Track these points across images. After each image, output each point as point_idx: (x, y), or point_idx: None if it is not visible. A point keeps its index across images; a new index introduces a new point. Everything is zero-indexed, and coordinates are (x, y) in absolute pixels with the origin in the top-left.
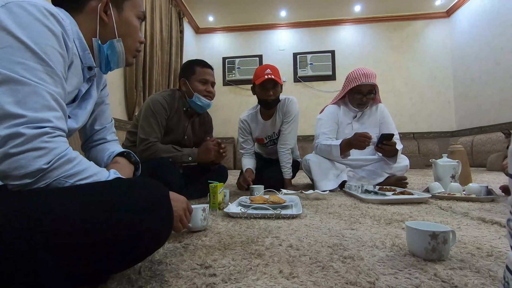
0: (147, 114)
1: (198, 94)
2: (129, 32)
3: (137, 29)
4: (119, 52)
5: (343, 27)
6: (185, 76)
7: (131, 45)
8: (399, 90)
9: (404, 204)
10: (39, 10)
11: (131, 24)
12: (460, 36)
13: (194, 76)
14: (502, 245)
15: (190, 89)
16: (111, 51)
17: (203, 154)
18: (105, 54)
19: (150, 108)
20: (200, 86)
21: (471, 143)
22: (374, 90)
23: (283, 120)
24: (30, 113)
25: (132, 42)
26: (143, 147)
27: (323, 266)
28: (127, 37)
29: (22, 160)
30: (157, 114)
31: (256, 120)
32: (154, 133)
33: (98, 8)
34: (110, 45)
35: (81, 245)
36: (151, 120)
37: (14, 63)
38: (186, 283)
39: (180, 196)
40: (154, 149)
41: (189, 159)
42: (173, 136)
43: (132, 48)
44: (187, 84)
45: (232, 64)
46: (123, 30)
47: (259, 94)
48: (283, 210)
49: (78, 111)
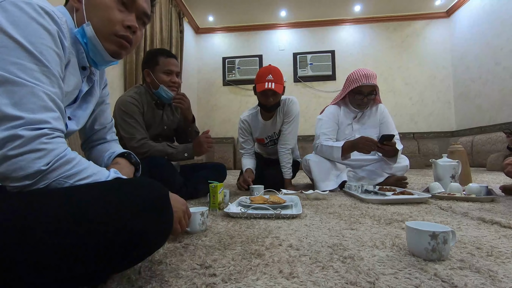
0: (122, 117)
1: (163, 85)
2: (96, 12)
3: (108, 8)
4: (90, 38)
5: (343, 27)
6: (148, 67)
7: (103, 28)
8: (399, 90)
9: (404, 204)
10: (34, 9)
11: (100, 2)
12: (460, 36)
13: (158, 67)
14: (502, 245)
15: (155, 80)
16: (86, 40)
17: (196, 149)
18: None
19: (122, 111)
20: (165, 77)
21: (471, 143)
22: (375, 90)
23: (283, 120)
24: (28, 115)
25: (103, 23)
26: (135, 145)
27: (323, 266)
28: (95, 19)
29: (21, 162)
30: (132, 114)
31: (257, 120)
32: (138, 132)
33: None
34: (81, 31)
35: (80, 245)
36: (129, 121)
37: (10, 64)
38: (186, 283)
39: (180, 198)
40: (148, 147)
41: (185, 155)
42: (154, 130)
43: (105, 31)
44: (151, 75)
45: (232, 64)
46: (91, 12)
47: (259, 98)
48: (283, 210)
49: (79, 112)
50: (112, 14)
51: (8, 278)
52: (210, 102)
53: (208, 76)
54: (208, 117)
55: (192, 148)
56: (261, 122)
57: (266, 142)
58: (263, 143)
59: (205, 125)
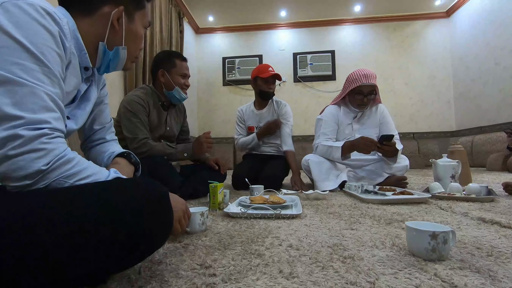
0: (127, 116)
1: (178, 87)
2: (134, 41)
3: (142, 38)
4: (121, 59)
5: (343, 27)
6: (164, 67)
7: (133, 52)
8: (399, 90)
9: (404, 204)
10: (36, 10)
11: (138, 34)
12: (460, 36)
13: (175, 69)
14: (502, 245)
15: (171, 81)
16: (113, 57)
17: (196, 149)
18: (108, 58)
19: (128, 110)
20: (180, 79)
21: (471, 143)
22: (375, 90)
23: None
24: (28, 115)
25: (135, 49)
26: (136, 145)
27: (323, 266)
28: (131, 45)
29: (21, 161)
30: (138, 113)
31: (250, 110)
32: (141, 132)
33: (112, 15)
34: (115, 51)
35: (80, 245)
36: (133, 120)
37: (11, 64)
38: (186, 283)
39: (179, 198)
40: (148, 146)
41: (185, 155)
42: (157, 131)
43: (134, 55)
44: (167, 75)
45: (232, 64)
46: (130, 39)
47: (261, 86)
48: (283, 210)
49: (78, 111)
50: (141, 43)
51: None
52: (210, 102)
53: (208, 76)
54: (208, 117)
55: (192, 149)
56: (254, 112)
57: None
58: (252, 131)
59: (205, 125)
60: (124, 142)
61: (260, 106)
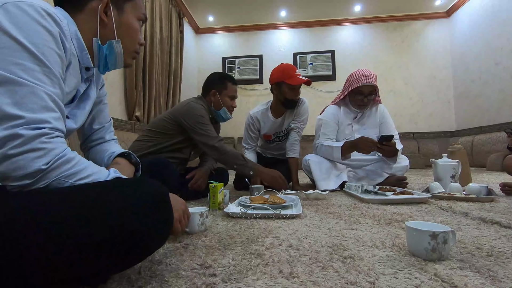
0: (199, 120)
1: (226, 108)
2: (128, 34)
3: (137, 31)
4: (117, 53)
5: (343, 27)
6: (216, 88)
7: (130, 47)
8: (399, 90)
9: (404, 204)
10: (36, 10)
11: (131, 26)
12: (460, 36)
13: (225, 91)
14: (502, 245)
15: (220, 101)
16: (109, 52)
17: (267, 177)
18: (104, 54)
19: (198, 115)
20: (229, 100)
21: (471, 143)
22: (375, 91)
23: (293, 119)
24: (28, 114)
25: (131, 43)
26: (216, 144)
27: (323, 266)
28: (126, 39)
29: (21, 161)
30: (207, 119)
31: (267, 117)
32: (214, 133)
33: (98, 9)
34: (108, 45)
35: (80, 245)
36: (206, 123)
37: (12, 64)
38: (186, 283)
39: (179, 198)
40: (227, 149)
41: (250, 173)
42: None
43: (131, 49)
44: (217, 96)
45: (232, 64)
46: (123, 32)
47: (286, 94)
48: (283, 210)
49: (77, 111)
50: (138, 36)
51: (8, 278)
52: None
53: None
54: None
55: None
56: (271, 119)
57: (272, 139)
58: (270, 139)
59: None
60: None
61: (278, 113)
